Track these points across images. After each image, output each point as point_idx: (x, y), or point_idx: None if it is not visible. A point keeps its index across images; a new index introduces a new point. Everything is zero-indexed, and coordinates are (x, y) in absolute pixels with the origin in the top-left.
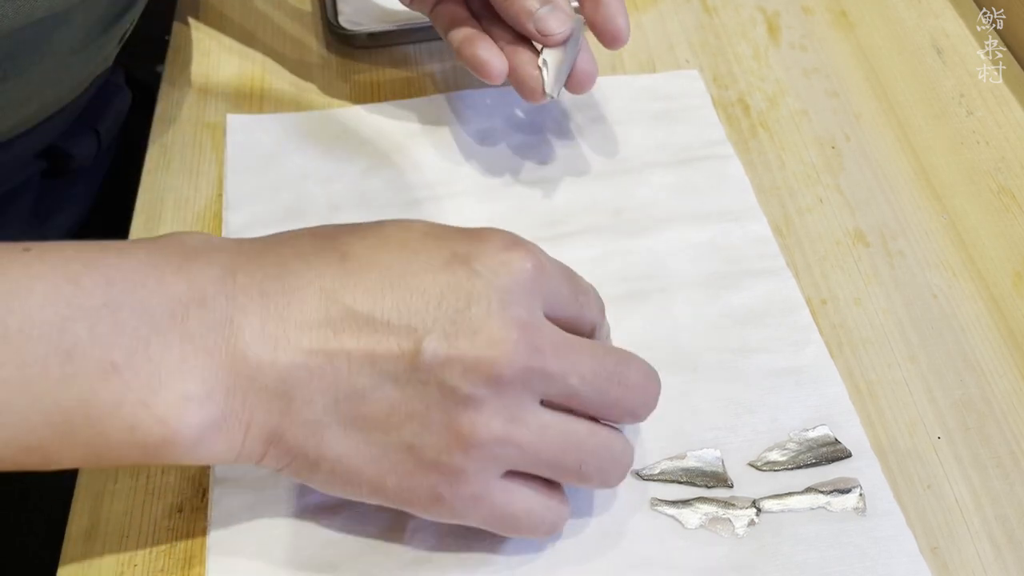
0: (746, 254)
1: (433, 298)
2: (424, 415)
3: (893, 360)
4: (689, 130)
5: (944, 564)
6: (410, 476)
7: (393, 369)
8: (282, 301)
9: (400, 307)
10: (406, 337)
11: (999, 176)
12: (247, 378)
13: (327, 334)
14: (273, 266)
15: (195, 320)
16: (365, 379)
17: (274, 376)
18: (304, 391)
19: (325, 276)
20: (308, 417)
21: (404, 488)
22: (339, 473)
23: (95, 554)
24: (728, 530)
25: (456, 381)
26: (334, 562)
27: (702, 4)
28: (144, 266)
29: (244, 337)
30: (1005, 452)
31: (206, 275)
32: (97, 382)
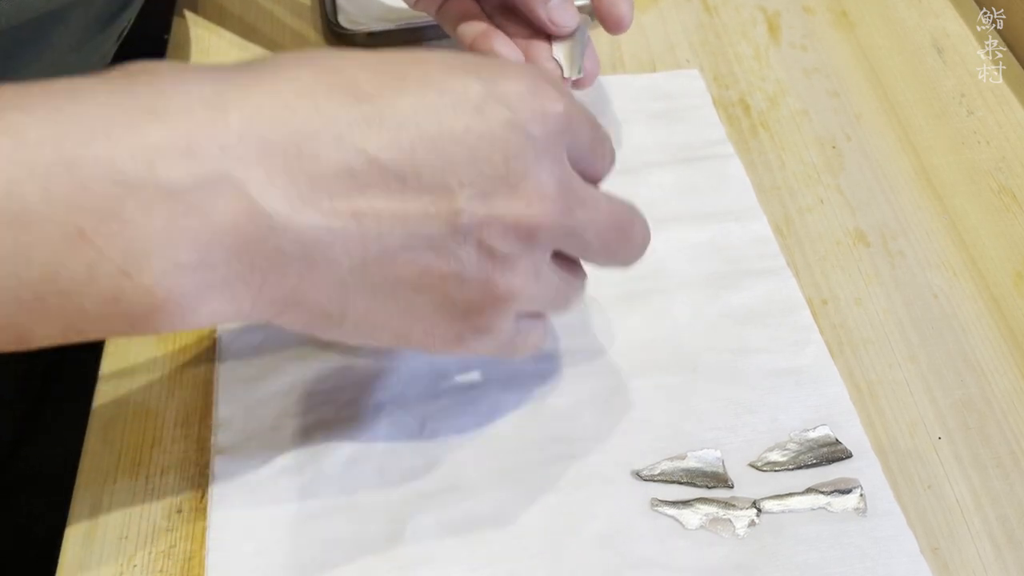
0: (746, 254)
1: (467, 150)
2: (458, 275)
3: (893, 360)
4: (689, 130)
5: (944, 564)
6: (437, 327)
7: (427, 231)
8: (291, 150)
9: (432, 160)
10: (441, 196)
11: (999, 176)
12: (255, 241)
13: (351, 190)
14: (273, 107)
15: (180, 174)
16: (397, 240)
17: (290, 239)
18: (327, 253)
19: (340, 121)
20: (332, 279)
21: (428, 336)
22: (363, 328)
23: (95, 554)
24: (729, 531)
25: (494, 241)
26: (333, 563)
27: (702, 4)
28: (106, 109)
29: (248, 195)
30: (1005, 452)
31: (190, 117)
32: (63, 252)
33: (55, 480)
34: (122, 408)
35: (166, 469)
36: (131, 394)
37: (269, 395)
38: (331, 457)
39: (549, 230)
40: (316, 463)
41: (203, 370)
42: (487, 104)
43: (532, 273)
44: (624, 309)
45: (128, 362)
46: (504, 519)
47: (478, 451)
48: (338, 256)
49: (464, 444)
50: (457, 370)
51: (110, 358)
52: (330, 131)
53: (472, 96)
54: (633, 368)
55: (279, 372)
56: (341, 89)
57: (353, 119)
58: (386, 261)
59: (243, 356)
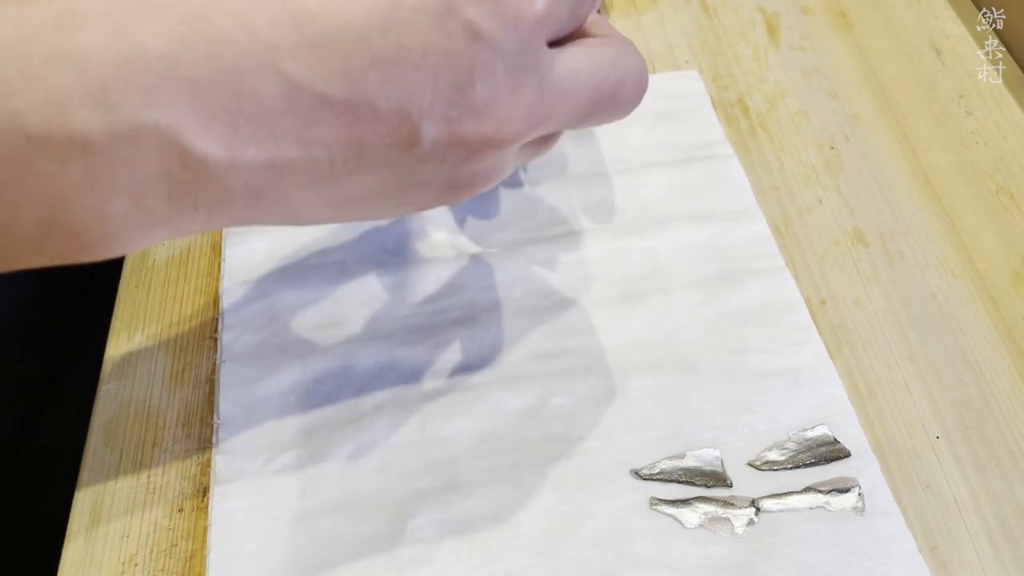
0: (745, 254)
1: (428, 71)
2: (420, 185)
3: (892, 360)
4: (689, 130)
5: (943, 563)
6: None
7: (385, 157)
8: (225, 91)
9: (388, 89)
10: (399, 123)
11: (998, 176)
12: (191, 183)
13: (297, 126)
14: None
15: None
16: (351, 166)
17: (232, 178)
18: (275, 187)
19: (281, 50)
20: (283, 206)
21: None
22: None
23: (95, 554)
24: (727, 529)
25: (459, 163)
26: (334, 562)
27: (702, 5)
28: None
29: (183, 142)
30: (1004, 452)
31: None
32: None
33: (56, 479)
34: (123, 407)
35: (167, 468)
36: (132, 393)
37: (270, 395)
38: (332, 457)
39: (520, 141)
40: (317, 462)
41: (204, 369)
42: (450, 14)
43: (502, 164)
44: (623, 309)
45: (129, 361)
46: (504, 518)
47: (478, 451)
48: (286, 188)
49: (464, 444)
50: (457, 370)
51: (112, 358)
52: (270, 64)
53: (430, 3)
54: (633, 368)
55: (280, 372)
56: (279, 8)
57: (295, 46)
58: (341, 183)
59: (244, 356)
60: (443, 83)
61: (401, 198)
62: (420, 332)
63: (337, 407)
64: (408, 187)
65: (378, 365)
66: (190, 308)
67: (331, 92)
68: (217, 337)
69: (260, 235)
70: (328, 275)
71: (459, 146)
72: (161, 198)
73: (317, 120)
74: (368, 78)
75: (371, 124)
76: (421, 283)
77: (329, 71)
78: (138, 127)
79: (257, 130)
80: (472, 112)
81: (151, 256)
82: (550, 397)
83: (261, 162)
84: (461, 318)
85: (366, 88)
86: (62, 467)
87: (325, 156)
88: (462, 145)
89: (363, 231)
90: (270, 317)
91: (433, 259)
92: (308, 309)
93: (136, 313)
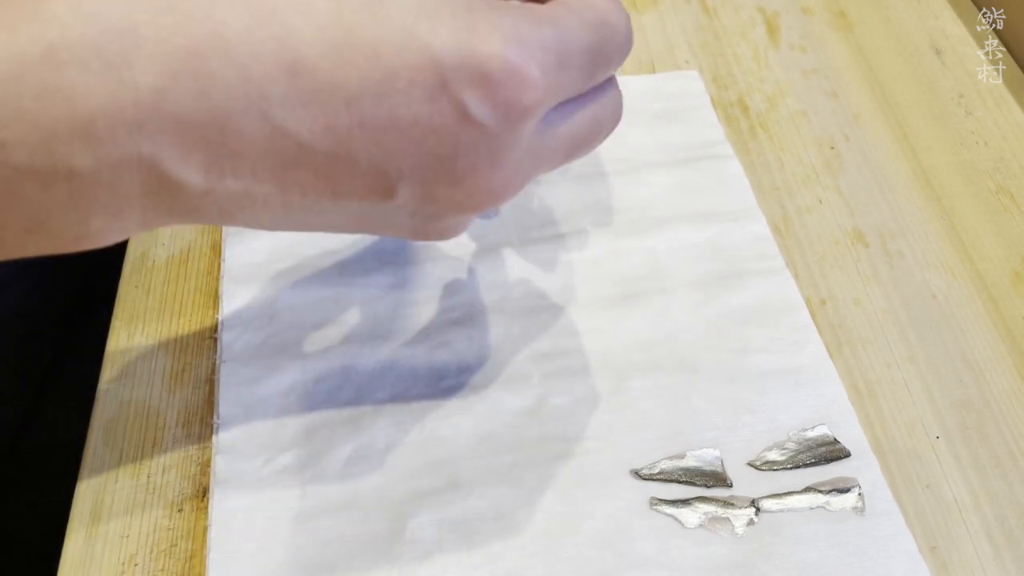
0: (745, 254)
1: (413, 140)
2: (392, 227)
3: (892, 360)
4: (688, 130)
5: (943, 563)
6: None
7: (358, 205)
8: (212, 129)
9: (370, 149)
10: (375, 180)
11: (998, 176)
12: (168, 201)
13: (274, 166)
14: (192, 73)
15: (82, 159)
16: (324, 205)
17: (208, 202)
18: (249, 210)
19: (271, 97)
20: (253, 222)
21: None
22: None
23: (95, 554)
24: (727, 529)
25: (428, 218)
26: (334, 562)
27: (702, 5)
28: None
29: (164, 170)
30: (1004, 452)
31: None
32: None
33: (56, 477)
34: (123, 407)
35: (167, 468)
36: (132, 393)
37: (270, 395)
38: (331, 457)
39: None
40: (317, 462)
41: (204, 369)
42: (443, 91)
43: (483, 214)
44: (623, 309)
45: (129, 361)
46: (503, 518)
47: (478, 451)
48: (258, 213)
49: (464, 444)
50: (457, 370)
51: (111, 357)
52: (257, 108)
53: (427, 79)
54: (632, 368)
55: (280, 372)
56: (274, 52)
57: (286, 95)
58: (312, 215)
59: (244, 356)
60: (425, 152)
61: (370, 231)
62: (420, 332)
63: (337, 407)
64: (379, 227)
65: (378, 365)
66: (190, 308)
67: (314, 143)
68: (217, 337)
69: (260, 235)
70: (328, 275)
71: (431, 204)
72: (138, 211)
73: (297, 164)
74: (353, 137)
75: (349, 177)
76: (421, 283)
77: (315, 125)
78: (122, 157)
79: (237, 165)
80: (448, 179)
81: (151, 256)
82: (550, 397)
83: (236, 192)
84: (461, 318)
85: (349, 145)
86: (62, 465)
87: (299, 194)
88: (434, 204)
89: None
90: (270, 317)
91: (433, 259)
92: (308, 309)
93: (136, 313)
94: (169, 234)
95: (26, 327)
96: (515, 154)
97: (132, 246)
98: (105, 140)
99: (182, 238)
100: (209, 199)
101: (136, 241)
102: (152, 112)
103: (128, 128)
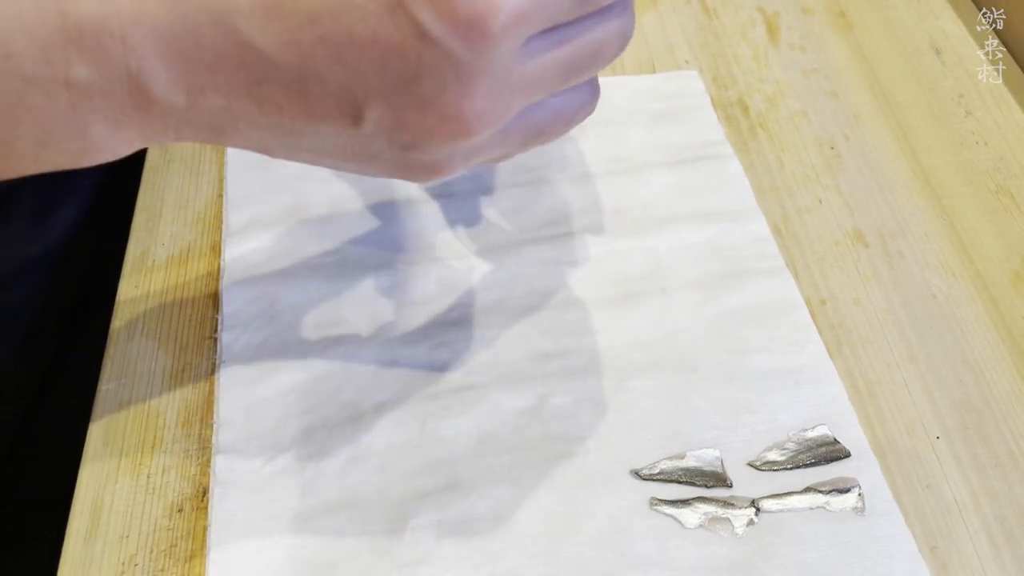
0: (745, 254)
1: (375, 59)
2: (375, 157)
3: (892, 360)
4: (688, 130)
5: (943, 563)
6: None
7: (333, 127)
8: (187, 42)
9: (334, 68)
10: (343, 100)
11: (998, 176)
12: (161, 118)
13: (247, 81)
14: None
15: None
16: (301, 127)
17: (195, 114)
18: (235, 127)
19: (238, 10)
20: (245, 140)
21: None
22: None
23: (95, 554)
24: (727, 530)
25: (406, 147)
26: (334, 562)
27: (702, 5)
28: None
29: (147, 85)
30: (1004, 452)
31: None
32: None
33: (56, 477)
34: (123, 407)
35: (167, 468)
36: (132, 393)
37: (270, 395)
38: (332, 457)
39: (469, 140)
40: (317, 462)
41: (204, 369)
42: (400, 10)
43: (472, 154)
44: (624, 309)
45: (129, 361)
46: (503, 518)
47: (478, 451)
48: (244, 128)
49: (464, 444)
50: (457, 370)
51: (111, 357)
52: (226, 21)
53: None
54: (633, 368)
55: (280, 372)
56: None
57: (252, 8)
58: (295, 137)
59: (244, 356)
60: (389, 72)
61: (357, 164)
62: (420, 332)
63: (337, 407)
64: (361, 157)
65: (378, 365)
66: (190, 308)
67: (280, 59)
68: (217, 337)
69: (260, 235)
70: (328, 275)
71: (402, 131)
72: (135, 122)
73: (267, 80)
74: (316, 53)
75: (318, 96)
76: (421, 283)
77: (279, 39)
78: (110, 69)
79: (213, 78)
80: (416, 104)
81: (151, 256)
82: (550, 397)
83: (217, 106)
84: (461, 318)
85: (314, 62)
86: (62, 465)
87: (276, 112)
88: (405, 131)
89: (363, 231)
90: (270, 317)
91: (433, 259)
92: (308, 309)
93: (136, 313)
94: (169, 234)
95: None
96: (488, 81)
97: (132, 246)
98: (94, 51)
99: (182, 238)
100: (195, 112)
101: (136, 241)
102: (132, 24)
103: (113, 40)
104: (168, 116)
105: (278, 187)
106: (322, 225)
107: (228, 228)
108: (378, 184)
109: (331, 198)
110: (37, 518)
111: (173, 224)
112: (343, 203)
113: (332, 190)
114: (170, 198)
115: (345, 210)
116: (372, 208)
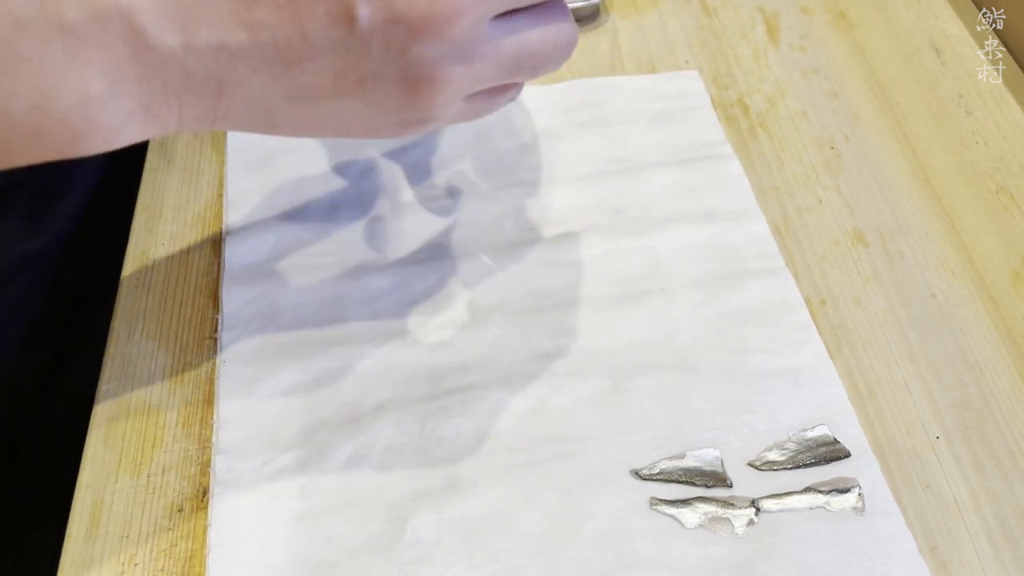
0: (745, 254)
1: None
2: (374, 76)
3: (892, 360)
4: (689, 130)
5: (943, 563)
6: (375, 123)
7: (327, 37)
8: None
9: None
10: (334, 2)
11: (998, 176)
12: (158, 66)
13: (238, 9)
14: None
15: (71, 10)
16: (297, 50)
17: (193, 61)
18: (232, 72)
19: None
20: (247, 95)
21: (370, 130)
22: (300, 130)
23: (95, 554)
24: (727, 529)
25: (402, 43)
26: (334, 562)
27: (702, 5)
28: None
29: (140, 24)
30: (1003, 452)
31: None
32: None
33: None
34: (123, 407)
35: (167, 468)
36: (132, 393)
37: (270, 395)
38: (331, 457)
39: (465, 20)
40: (317, 462)
41: (204, 369)
42: None
43: (463, 61)
44: (624, 309)
45: (130, 361)
46: (504, 518)
47: (478, 451)
48: (243, 73)
49: (464, 444)
50: (457, 370)
51: (111, 357)
52: None
53: None
54: (633, 368)
55: (280, 372)
56: None
57: None
58: (294, 71)
59: (244, 356)
60: None
61: (362, 95)
62: (420, 332)
63: (337, 407)
64: (364, 79)
65: (378, 365)
66: (190, 308)
67: None
68: (217, 337)
69: (260, 235)
70: (328, 275)
71: (397, 23)
72: (133, 80)
73: (257, 2)
74: None
75: (308, 4)
76: (421, 283)
77: None
78: (103, 9)
79: (204, 13)
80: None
81: (151, 256)
82: (550, 397)
83: (213, 45)
84: (461, 318)
85: None
86: (62, 464)
87: (271, 39)
88: (398, 23)
89: (363, 230)
90: (270, 317)
91: (433, 259)
92: (308, 309)
93: (136, 313)
94: (169, 234)
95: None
96: None
97: (132, 246)
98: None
99: (182, 238)
100: (192, 59)
101: (136, 241)
102: None
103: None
104: (168, 66)
105: (278, 187)
106: (322, 225)
107: (228, 228)
108: (378, 184)
109: (331, 198)
110: (37, 518)
111: (173, 224)
112: (343, 203)
113: (332, 190)
114: (170, 198)
115: (345, 210)
116: (372, 208)
